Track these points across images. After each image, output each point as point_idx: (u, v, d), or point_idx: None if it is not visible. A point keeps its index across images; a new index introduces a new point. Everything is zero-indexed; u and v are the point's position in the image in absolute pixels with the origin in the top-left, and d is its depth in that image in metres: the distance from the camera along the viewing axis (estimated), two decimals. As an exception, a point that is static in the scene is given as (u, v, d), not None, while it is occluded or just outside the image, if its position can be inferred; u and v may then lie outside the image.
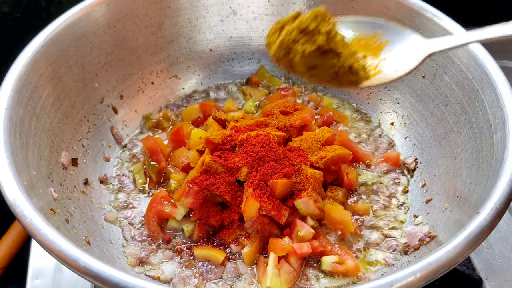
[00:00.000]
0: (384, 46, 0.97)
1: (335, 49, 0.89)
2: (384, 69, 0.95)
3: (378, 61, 0.96)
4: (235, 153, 1.18)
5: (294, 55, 0.90)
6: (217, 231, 1.16)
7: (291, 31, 0.90)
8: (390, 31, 0.98)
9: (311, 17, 0.89)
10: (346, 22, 1.00)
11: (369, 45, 0.98)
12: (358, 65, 0.92)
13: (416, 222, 1.19)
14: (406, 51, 0.96)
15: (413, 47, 0.95)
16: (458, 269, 1.21)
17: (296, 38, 0.89)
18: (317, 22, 0.88)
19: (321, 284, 1.08)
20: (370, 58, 0.96)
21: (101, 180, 1.29)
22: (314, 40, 0.88)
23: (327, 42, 0.88)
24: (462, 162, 1.15)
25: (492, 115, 1.08)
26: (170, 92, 1.51)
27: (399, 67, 0.94)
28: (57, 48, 1.21)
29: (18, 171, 0.96)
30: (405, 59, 0.95)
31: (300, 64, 0.90)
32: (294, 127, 1.29)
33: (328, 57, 0.89)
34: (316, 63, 0.90)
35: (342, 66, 0.90)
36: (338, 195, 1.21)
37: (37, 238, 0.87)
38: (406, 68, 0.94)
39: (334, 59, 0.90)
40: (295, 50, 0.90)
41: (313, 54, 0.88)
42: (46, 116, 1.16)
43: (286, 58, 0.92)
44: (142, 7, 1.39)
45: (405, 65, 0.94)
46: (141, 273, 1.11)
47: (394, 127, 1.41)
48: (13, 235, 1.50)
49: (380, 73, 0.95)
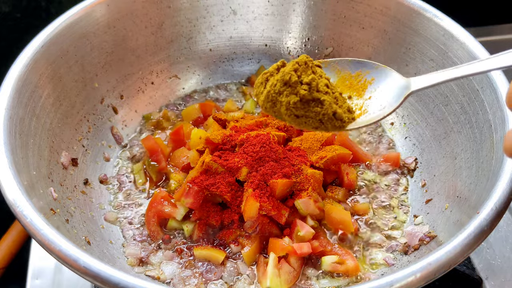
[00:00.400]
0: (369, 84, 0.99)
1: (318, 97, 0.92)
2: (370, 108, 0.97)
3: (363, 101, 0.98)
4: (235, 153, 1.18)
5: (280, 106, 0.94)
6: (217, 231, 1.16)
7: (275, 83, 0.94)
8: (374, 70, 1.00)
9: (293, 69, 0.92)
10: (330, 63, 1.03)
11: (353, 85, 1.01)
12: (341, 111, 0.94)
13: (416, 222, 1.19)
14: (390, 88, 0.97)
15: (395, 85, 0.97)
16: (458, 269, 1.21)
17: (280, 90, 0.93)
18: (298, 73, 0.92)
19: (321, 284, 1.08)
20: (355, 98, 0.99)
21: (101, 180, 1.29)
22: (297, 92, 0.92)
23: (309, 93, 0.92)
24: (462, 162, 1.15)
25: (492, 115, 1.08)
26: (170, 92, 1.51)
27: (385, 104, 0.96)
28: (57, 48, 1.21)
29: (18, 171, 0.96)
30: (389, 96, 0.96)
31: (286, 114, 0.94)
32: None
33: (311, 106, 0.93)
34: (301, 112, 0.93)
35: (326, 113, 0.93)
36: (338, 195, 1.21)
37: (37, 238, 0.87)
38: (391, 106, 0.95)
39: (318, 107, 0.93)
40: (280, 102, 0.94)
41: (297, 105, 0.92)
42: (46, 116, 1.16)
43: (273, 109, 0.96)
44: (142, 7, 1.39)
45: (390, 103, 0.95)
46: (141, 273, 1.11)
47: (394, 127, 1.41)
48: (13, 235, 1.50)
49: (366, 112, 0.97)
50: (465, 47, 1.18)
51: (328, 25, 1.47)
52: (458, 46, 1.20)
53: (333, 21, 1.45)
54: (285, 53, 1.55)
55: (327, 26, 1.47)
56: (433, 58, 1.27)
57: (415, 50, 1.31)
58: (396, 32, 1.35)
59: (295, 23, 1.51)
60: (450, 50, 1.22)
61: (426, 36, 1.28)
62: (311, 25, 1.49)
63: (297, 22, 1.51)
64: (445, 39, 1.23)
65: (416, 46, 1.31)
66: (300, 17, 1.49)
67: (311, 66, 0.95)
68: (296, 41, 1.53)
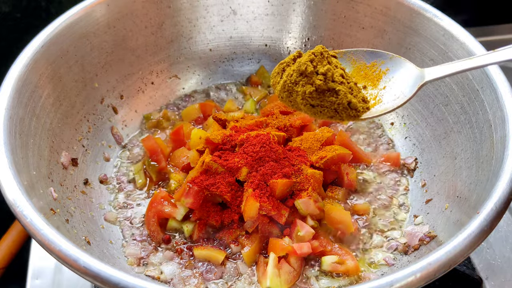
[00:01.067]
0: (384, 74, 1.01)
1: (333, 87, 0.95)
2: (384, 98, 0.99)
3: (378, 91, 1.00)
4: (235, 153, 1.18)
5: (296, 96, 0.97)
6: (217, 231, 1.16)
7: (292, 74, 0.97)
8: (388, 60, 1.02)
9: (309, 59, 0.95)
10: (346, 54, 1.06)
11: (368, 75, 1.03)
12: (356, 100, 0.97)
13: (416, 222, 1.19)
14: (404, 79, 0.99)
15: (409, 75, 0.99)
16: (458, 269, 1.21)
17: (296, 80, 0.96)
18: (314, 63, 0.95)
19: (321, 284, 1.08)
20: (370, 88, 1.01)
21: (101, 180, 1.29)
22: (313, 82, 0.95)
23: (324, 83, 0.94)
24: (462, 162, 1.15)
25: (492, 115, 1.08)
26: (170, 92, 1.51)
27: (399, 95, 0.98)
28: (57, 48, 1.21)
29: (18, 171, 0.96)
30: (403, 87, 0.98)
31: (302, 103, 0.97)
32: (294, 127, 1.29)
33: (327, 96, 0.95)
34: (317, 102, 0.96)
35: (341, 103, 0.95)
36: (338, 195, 1.21)
37: (37, 238, 0.87)
38: (405, 96, 0.97)
39: (333, 97, 0.95)
40: (296, 92, 0.97)
41: (313, 94, 0.95)
42: (46, 116, 1.16)
43: (289, 99, 0.99)
44: (142, 7, 1.39)
45: (404, 93, 0.97)
46: (141, 273, 1.11)
47: (394, 127, 1.41)
48: (13, 235, 1.50)
49: (380, 102, 0.99)
50: (465, 47, 1.18)
51: (328, 25, 1.47)
52: (458, 46, 1.20)
53: (333, 21, 1.45)
54: (285, 53, 1.55)
55: (327, 26, 1.47)
56: (433, 58, 1.27)
57: (415, 50, 1.31)
58: (396, 32, 1.35)
59: (295, 23, 1.51)
60: (450, 50, 1.22)
61: (426, 36, 1.28)
62: (311, 25, 1.49)
63: (297, 22, 1.51)
64: (445, 39, 1.23)
65: (416, 46, 1.31)
66: (300, 17, 1.49)
67: (327, 57, 0.97)
68: (296, 41, 1.53)
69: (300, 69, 0.95)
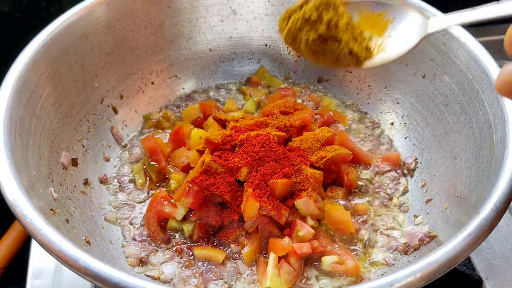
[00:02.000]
0: (390, 23, 1.02)
1: (336, 36, 0.97)
2: (387, 47, 1.01)
3: (383, 39, 1.02)
4: (235, 153, 1.18)
5: (300, 42, 1.00)
6: (217, 231, 1.16)
7: (297, 20, 1.00)
8: (395, 10, 1.03)
9: (314, 7, 0.98)
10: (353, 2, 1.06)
11: (376, 23, 1.04)
12: (359, 49, 0.99)
13: (416, 222, 1.19)
14: (408, 28, 1.00)
15: (413, 25, 1.00)
16: (458, 269, 1.22)
17: (301, 26, 0.99)
18: (319, 12, 0.97)
19: (321, 284, 1.08)
20: (375, 37, 1.03)
21: (101, 180, 1.29)
22: (316, 29, 0.98)
23: (327, 31, 0.97)
24: (462, 162, 1.15)
25: (492, 115, 1.08)
26: (170, 92, 1.51)
27: (401, 45, 0.99)
28: (57, 48, 1.21)
29: (18, 171, 0.96)
30: (406, 37, 0.99)
31: (305, 49, 1.01)
32: (294, 127, 1.29)
33: (329, 44, 0.98)
34: (319, 49, 0.99)
35: (342, 51, 0.98)
36: (338, 195, 1.21)
37: (37, 238, 0.87)
38: (406, 46, 0.98)
39: (334, 45, 0.98)
40: (300, 38, 1.00)
41: (316, 41, 0.98)
42: (46, 116, 1.16)
43: (294, 45, 1.03)
44: (142, 7, 1.39)
45: (405, 43, 0.99)
46: (141, 273, 1.11)
47: (394, 127, 1.41)
48: (13, 235, 1.50)
49: (383, 51, 1.01)
50: (465, 47, 1.18)
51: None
52: (458, 46, 1.20)
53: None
54: (285, 53, 1.55)
55: (327, 26, 1.47)
56: (433, 58, 1.27)
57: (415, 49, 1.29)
58: (396, 32, 1.34)
59: (295, 23, 1.51)
60: (450, 50, 1.22)
61: (426, 36, 1.27)
62: (311, 25, 1.49)
63: (297, 22, 1.51)
64: (445, 39, 1.23)
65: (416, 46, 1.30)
66: (300, 17, 1.49)
67: (333, 4, 0.99)
68: (296, 41, 1.53)
69: (304, 16, 0.98)
